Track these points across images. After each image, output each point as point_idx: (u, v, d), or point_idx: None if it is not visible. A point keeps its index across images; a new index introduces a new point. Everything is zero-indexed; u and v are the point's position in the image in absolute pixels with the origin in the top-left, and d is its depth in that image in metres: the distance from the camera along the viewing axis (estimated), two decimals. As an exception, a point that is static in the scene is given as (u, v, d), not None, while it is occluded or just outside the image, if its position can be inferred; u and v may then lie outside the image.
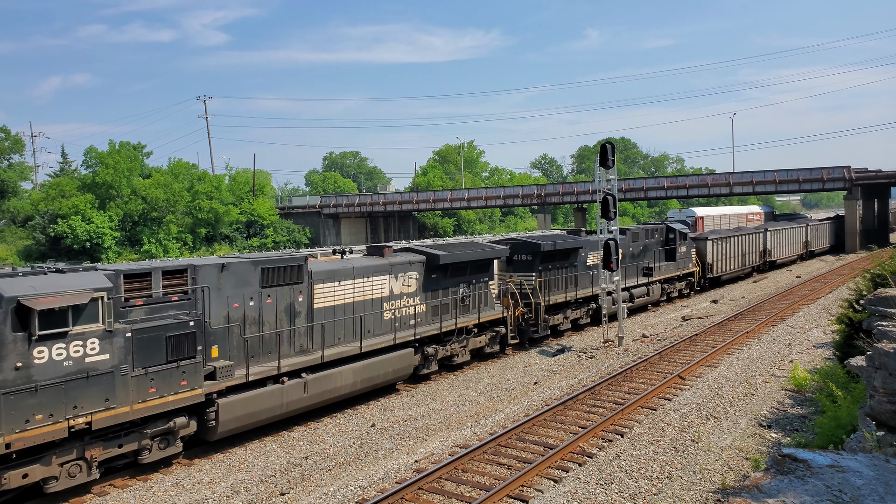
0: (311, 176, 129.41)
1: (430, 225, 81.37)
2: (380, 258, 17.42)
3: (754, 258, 40.53)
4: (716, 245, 35.42)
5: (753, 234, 40.59)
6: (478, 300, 19.98)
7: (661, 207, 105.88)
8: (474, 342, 19.77)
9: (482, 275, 20.20)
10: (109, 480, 12.05)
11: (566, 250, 23.82)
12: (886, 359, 6.75)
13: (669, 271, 30.62)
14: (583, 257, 24.87)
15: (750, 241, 39.67)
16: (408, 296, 17.67)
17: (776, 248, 44.23)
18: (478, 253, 19.92)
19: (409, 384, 18.23)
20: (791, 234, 47.68)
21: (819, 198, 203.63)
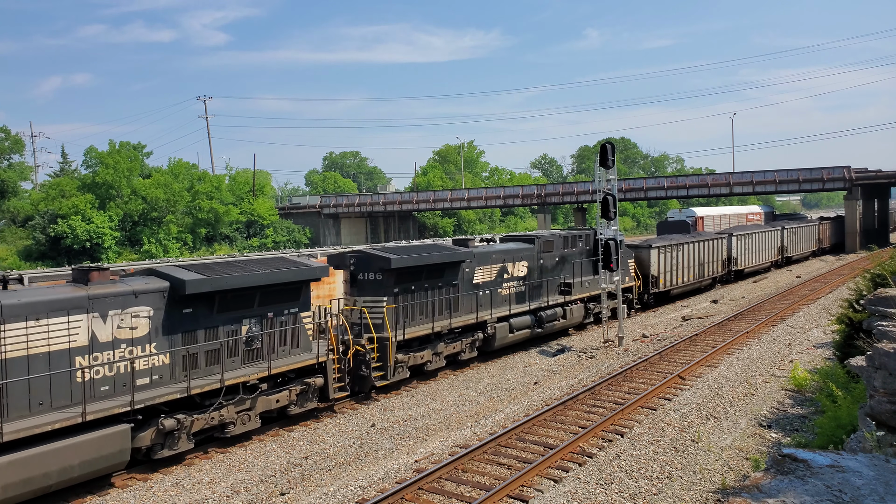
0: (311, 176, 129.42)
1: (430, 225, 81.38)
2: (76, 288, 11.79)
3: (715, 268, 35.57)
4: (662, 254, 30.16)
5: (714, 241, 35.59)
6: (279, 341, 14.59)
7: (661, 207, 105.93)
8: (266, 402, 14.15)
9: (286, 304, 14.75)
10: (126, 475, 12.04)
11: (437, 266, 18.76)
12: (886, 359, 6.75)
13: (597, 287, 24.36)
14: (466, 273, 19.93)
15: (709, 248, 34.67)
16: (130, 343, 12.17)
17: (743, 255, 39.06)
18: (271, 276, 14.11)
19: (409, 385, 18.24)
20: (762, 239, 41.89)
21: (819, 198, 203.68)
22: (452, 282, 19.45)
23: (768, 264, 43.61)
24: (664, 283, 30.54)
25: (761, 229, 43.41)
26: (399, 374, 17.36)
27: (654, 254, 29.66)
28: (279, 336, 14.63)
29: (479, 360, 20.46)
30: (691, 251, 33.01)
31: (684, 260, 32.33)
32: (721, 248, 36.58)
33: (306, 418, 15.26)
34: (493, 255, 21.03)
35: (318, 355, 15.15)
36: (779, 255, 45.25)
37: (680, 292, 32.79)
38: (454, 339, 19.47)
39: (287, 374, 14.63)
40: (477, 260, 20.42)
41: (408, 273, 17.83)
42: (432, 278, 18.75)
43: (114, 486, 11.95)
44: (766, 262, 42.91)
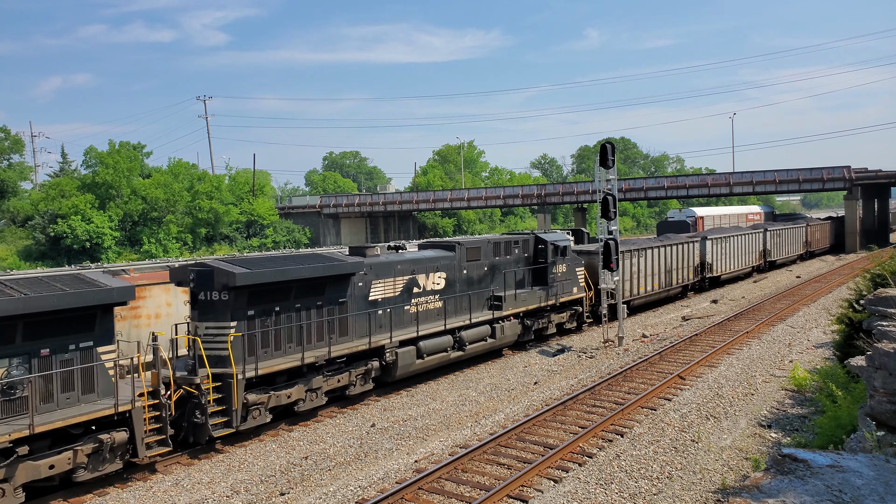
0: (311, 176, 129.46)
1: (430, 225, 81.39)
2: None
3: (685, 274, 32.42)
4: (620, 261, 25.97)
5: (685, 245, 32.44)
6: (59, 386, 11.16)
7: (661, 207, 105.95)
8: (32, 469, 10.56)
9: (73, 336, 11.38)
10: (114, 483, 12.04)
11: (311, 281, 15.11)
12: (886, 359, 6.75)
13: (534, 301, 21.84)
14: (359, 289, 16.49)
15: (678, 253, 31.55)
16: None
17: (720, 260, 36.06)
18: (38, 301, 10.63)
19: (409, 386, 18.24)
20: (741, 243, 38.75)
21: (819, 198, 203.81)
22: (338, 299, 15.87)
23: (749, 269, 40.33)
24: (625, 292, 26.59)
25: (740, 232, 40.17)
26: (255, 420, 13.88)
27: None
28: (59, 380, 11.10)
29: (379, 393, 17.07)
30: (657, 257, 29.46)
31: (648, 267, 28.90)
32: (692, 253, 33.05)
33: (104, 484, 11.88)
34: (397, 266, 17.69)
35: (121, 402, 11.45)
36: (761, 259, 41.93)
37: (643, 303, 29.21)
38: (338, 371, 15.72)
39: (70, 428, 10.99)
40: (374, 272, 16.94)
41: (266, 291, 14.29)
42: (307, 296, 15.16)
43: (114, 486, 11.95)
44: (746, 266, 39.63)
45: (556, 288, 22.88)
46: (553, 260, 22.70)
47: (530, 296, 21.86)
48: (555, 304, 22.96)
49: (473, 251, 20.41)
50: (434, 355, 18.15)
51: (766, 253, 42.64)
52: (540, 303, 22.21)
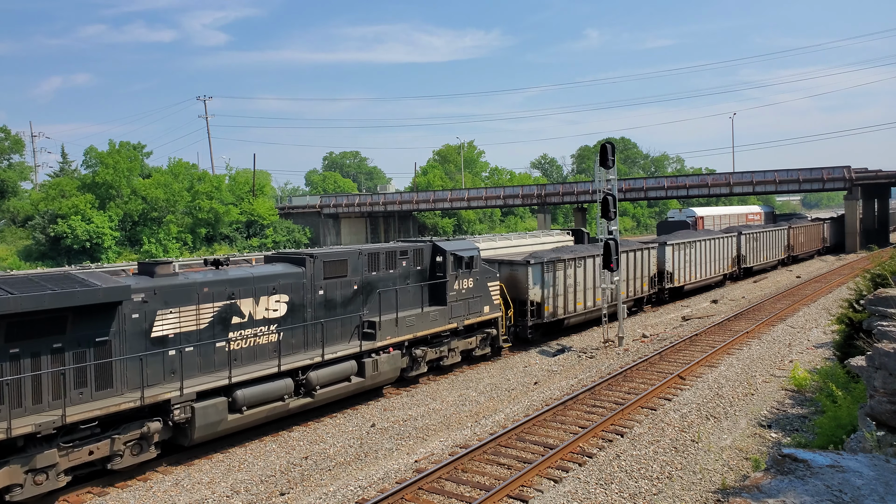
0: (311, 176, 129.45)
1: (430, 225, 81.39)
2: None
3: (638, 285, 27.99)
4: (548, 272, 22.68)
5: (639, 252, 28.11)
6: None
7: (662, 207, 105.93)
8: None
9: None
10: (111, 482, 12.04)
11: (32, 316, 10.80)
12: (886, 359, 6.75)
13: (426, 325, 17.78)
14: (134, 322, 12.33)
15: (631, 261, 27.15)
16: None
17: (683, 268, 31.74)
18: None
19: (409, 385, 18.23)
20: (709, 249, 34.55)
21: (819, 198, 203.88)
22: (94, 338, 11.65)
23: (720, 277, 36.22)
24: (552, 309, 22.97)
25: (709, 236, 35.89)
26: None
27: (534, 272, 22.25)
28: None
29: (167, 462, 12.92)
30: (599, 267, 24.36)
31: (588, 278, 24.70)
32: (649, 262, 28.93)
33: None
34: (202, 290, 13.36)
35: None
36: (734, 266, 37.50)
37: (581, 321, 25.08)
38: (89, 441, 11.40)
39: None
40: (161, 298, 12.68)
41: None
42: (33, 337, 10.89)
43: (114, 485, 11.95)
44: (714, 275, 35.39)
45: (459, 308, 18.82)
46: (455, 273, 18.69)
47: (421, 319, 17.61)
48: (457, 328, 18.87)
49: (335, 265, 16.08)
50: (261, 406, 13.69)
51: (740, 259, 38.35)
52: (435, 327, 18.06)
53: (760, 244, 41.12)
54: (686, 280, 32.21)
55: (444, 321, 18.45)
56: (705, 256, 34.09)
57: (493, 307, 20.35)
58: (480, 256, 20.04)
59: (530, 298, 22.18)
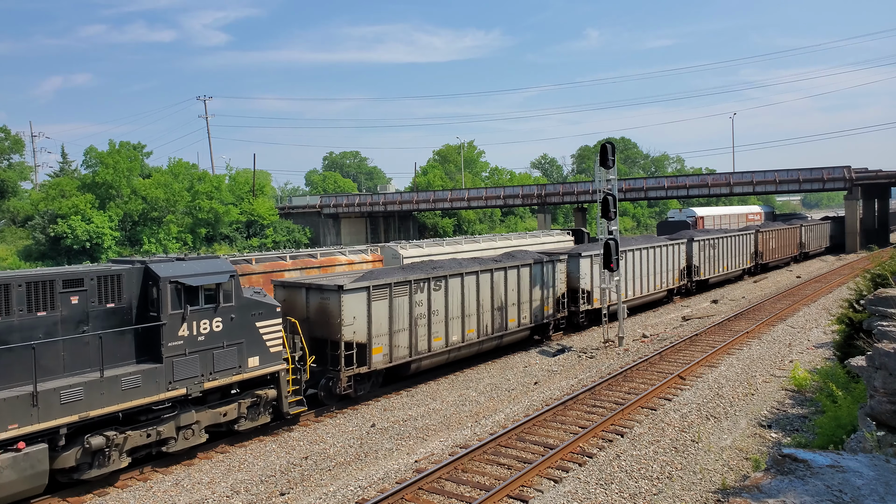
0: (311, 176, 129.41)
1: (430, 225, 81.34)
2: None
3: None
4: (385, 300, 16.85)
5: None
6: None
7: (662, 207, 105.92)
8: None
9: None
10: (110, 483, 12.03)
11: None
12: (886, 359, 6.74)
13: (116, 396, 11.53)
14: None
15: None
16: None
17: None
18: None
19: (409, 386, 18.22)
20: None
21: (819, 198, 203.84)
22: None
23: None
24: (387, 351, 16.82)
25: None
26: None
27: (352, 302, 15.96)
28: None
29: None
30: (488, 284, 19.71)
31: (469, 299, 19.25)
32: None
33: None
34: None
35: None
36: (682, 279, 31.82)
37: (434, 364, 18.63)
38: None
39: None
40: None
41: None
42: None
43: (114, 486, 11.95)
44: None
45: (189, 364, 12.60)
46: (181, 312, 12.53)
47: (98, 388, 11.33)
48: (187, 396, 12.64)
49: None
50: None
51: (690, 270, 32.46)
52: (134, 398, 11.81)
53: (719, 253, 36.30)
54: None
55: (158, 387, 12.15)
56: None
57: (267, 357, 14.00)
58: (238, 283, 13.58)
59: (347, 339, 15.77)
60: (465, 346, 19.47)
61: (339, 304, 15.62)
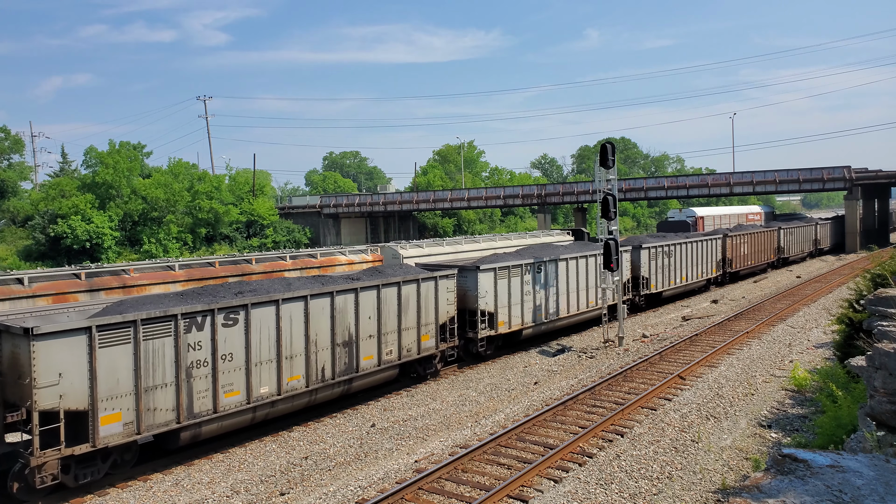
0: (311, 176, 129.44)
1: (430, 225, 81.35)
2: None
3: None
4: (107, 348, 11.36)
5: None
6: None
7: (662, 207, 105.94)
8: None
9: None
10: (115, 483, 12.03)
11: None
12: (887, 359, 6.74)
13: None
14: None
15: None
16: None
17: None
18: None
19: (409, 386, 18.22)
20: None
21: (819, 198, 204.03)
22: None
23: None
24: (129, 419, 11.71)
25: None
26: None
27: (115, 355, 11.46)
28: None
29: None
30: (325, 313, 15.14)
31: (291, 336, 14.43)
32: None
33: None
34: None
35: None
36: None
37: (226, 430, 13.54)
38: None
39: None
40: None
41: None
42: None
43: (114, 486, 11.95)
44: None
45: None
46: None
47: None
48: None
49: None
50: None
51: (639, 282, 28.47)
52: None
53: (673, 261, 32.36)
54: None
55: None
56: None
57: None
58: None
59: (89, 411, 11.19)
60: (284, 399, 14.20)
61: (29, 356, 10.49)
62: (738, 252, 37.97)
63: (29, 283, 17.31)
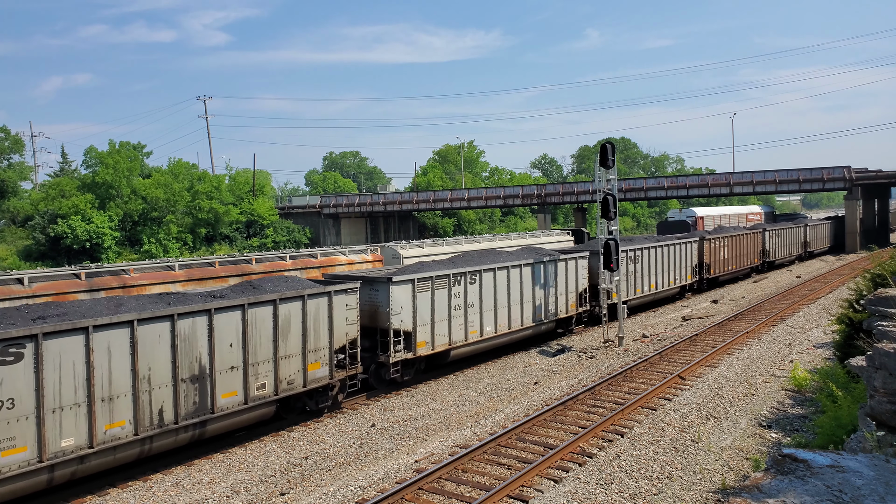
0: (311, 176, 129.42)
1: (430, 225, 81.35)
2: None
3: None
4: None
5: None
6: None
7: (661, 207, 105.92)
8: None
9: None
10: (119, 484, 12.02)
11: None
12: (886, 359, 6.74)
13: None
14: None
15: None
16: None
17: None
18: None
19: (409, 385, 18.22)
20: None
21: (819, 198, 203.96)
22: None
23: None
24: None
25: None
26: None
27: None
28: None
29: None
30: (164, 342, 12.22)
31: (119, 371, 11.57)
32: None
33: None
34: None
35: None
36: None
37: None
38: None
39: None
40: None
41: None
42: None
43: (114, 485, 11.95)
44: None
45: None
46: None
47: None
48: None
49: None
50: None
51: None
52: None
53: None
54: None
55: None
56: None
57: None
58: None
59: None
60: (100, 451, 11.28)
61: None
62: (718, 256, 35.41)
63: (29, 283, 17.18)
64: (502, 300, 20.73)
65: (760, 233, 41.51)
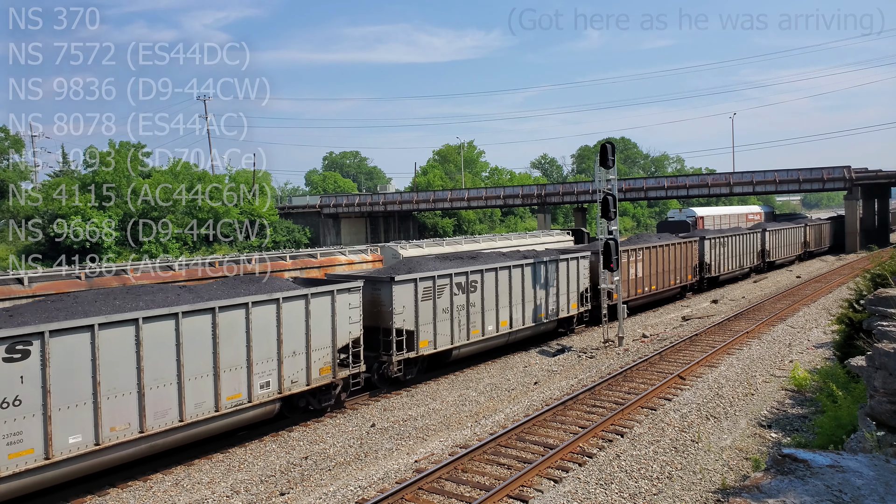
0: (311, 176, 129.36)
1: (430, 225, 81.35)
2: None
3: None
4: None
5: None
6: None
7: (661, 207, 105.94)
8: None
9: None
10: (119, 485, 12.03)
11: None
12: (886, 359, 6.74)
13: None
14: None
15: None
16: None
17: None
18: None
19: (409, 385, 18.22)
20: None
21: (819, 198, 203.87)
22: None
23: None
24: None
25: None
26: None
27: None
28: None
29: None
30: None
31: None
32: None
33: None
34: None
35: None
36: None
37: None
38: None
39: None
40: None
41: None
42: None
43: (114, 485, 11.95)
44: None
45: None
46: None
47: None
48: None
49: None
50: None
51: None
52: None
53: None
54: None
55: None
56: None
57: None
58: None
59: None
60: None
61: None
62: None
63: (29, 283, 17.15)
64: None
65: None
